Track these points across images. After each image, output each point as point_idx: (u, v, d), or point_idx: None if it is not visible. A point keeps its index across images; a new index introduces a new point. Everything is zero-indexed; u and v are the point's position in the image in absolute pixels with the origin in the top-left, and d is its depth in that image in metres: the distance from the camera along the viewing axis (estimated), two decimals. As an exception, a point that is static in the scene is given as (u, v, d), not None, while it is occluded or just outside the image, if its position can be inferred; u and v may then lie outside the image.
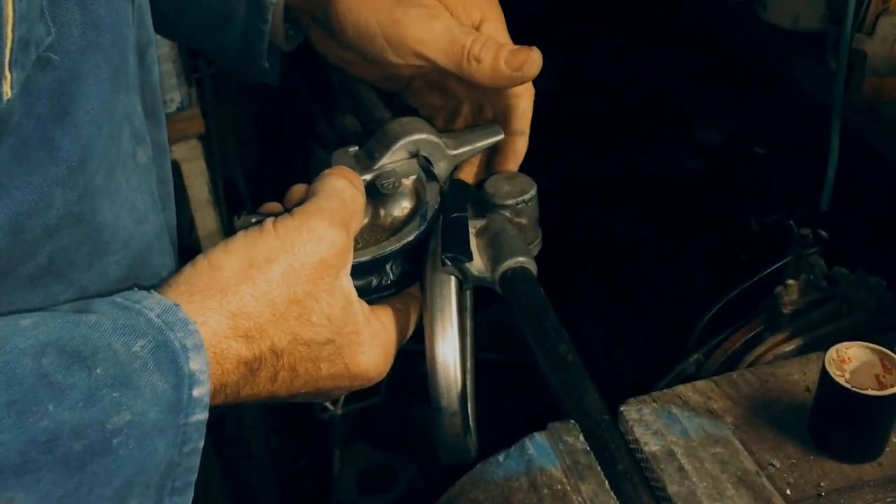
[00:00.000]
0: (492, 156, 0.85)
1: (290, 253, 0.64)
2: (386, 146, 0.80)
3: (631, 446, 0.70)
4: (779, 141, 1.77)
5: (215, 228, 2.34)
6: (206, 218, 2.32)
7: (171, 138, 2.18)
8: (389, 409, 1.84)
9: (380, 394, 1.75)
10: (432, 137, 0.81)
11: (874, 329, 1.01)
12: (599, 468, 0.63)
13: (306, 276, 0.64)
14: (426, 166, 0.80)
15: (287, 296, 0.64)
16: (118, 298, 0.58)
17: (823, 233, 1.13)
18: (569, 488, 0.64)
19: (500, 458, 0.70)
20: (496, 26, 0.80)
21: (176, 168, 2.30)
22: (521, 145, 0.83)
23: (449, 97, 0.86)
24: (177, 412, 0.55)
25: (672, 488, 0.67)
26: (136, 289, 0.60)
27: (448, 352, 0.71)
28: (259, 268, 0.63)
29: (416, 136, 0.80)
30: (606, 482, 0.62)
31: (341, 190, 0.69)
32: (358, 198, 0.71)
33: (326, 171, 0.72)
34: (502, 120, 0.83)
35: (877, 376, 0.83)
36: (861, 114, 1.28)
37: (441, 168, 0.82)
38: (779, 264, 1.18)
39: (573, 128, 2.14)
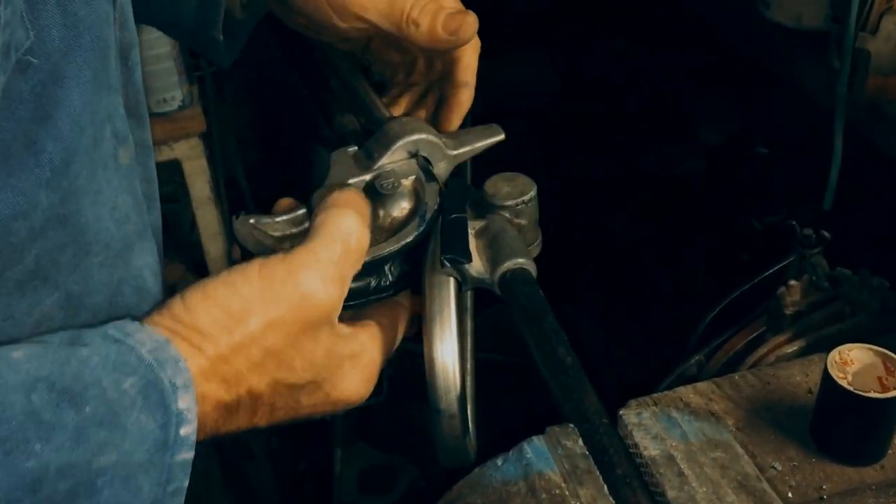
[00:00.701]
0: (438, 109, 0.86)
1: (270, 307, 0.60)
2: (385, 146, 0.79)
3: (630, 451, 0.70)
4: (781, 141, 1.76)
5: (216, 226, 2.34)
6: (207, 216, 2.32)
7: (173, 136, 2.18)
8: (390, 410, 1.83)
9: (381, 394, 1.75)
10: (432, 138, 0.80)
11: (877, 331, 1.01)
12: (598, 473, 0.62)
13: (286, 333, 0.61)
14: (425, 167, 0.80)
15: (265, 349, 0.61)
16: (111, 330, 0.57)
17: (826, 233, 1.12)
18: (567, 493, 0.63)
19: (499, 462, 0.69)
20: None
21: (177, 166, 2.30)
22: (465, 97, 0.84)
23: (405, 53, 0.87)
24: (163, 451, 0.55)
25: (671, 493, 0.66)
26: (129, 318, 0.59)
27: (447, 353, 0.70)
28: (236, 321, 0.59)
29: (415, 137, 0.79)
30: (605, 487, 0.61)
31: (347, 234, 0.65)
32: (364, 240, 0.67)
33: (335, 197, 0.68)
34: (448, 73, 0.85)
35: (879, 378, 0.83)
36: (864, 113, 1.27)
37: (441, 168, 0.81)
38: (781, 265, 1.18)
39: (573, 128, 2.14)
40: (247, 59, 0.79)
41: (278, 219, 0.77)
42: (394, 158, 0.79)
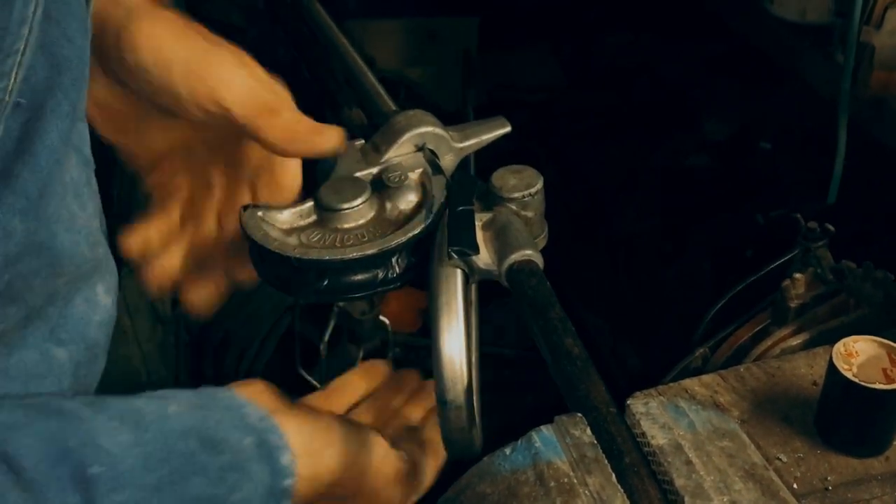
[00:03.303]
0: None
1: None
2: (392, 140, 0.80)
3: (638, 440, 0.70)
4: (785, 135, 1.77)
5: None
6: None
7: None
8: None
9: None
10: (438, 130, 0.80)
11: (882, 323, 1.01)
12: (606, 461, 0.62)
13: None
14: (432, 160, 0.80)
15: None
16: (225, 400, 0.69)
17: (830, 227, 1.13)
18: (575, 481, 0.64)
19: (507, 451, 0.70)
20: None
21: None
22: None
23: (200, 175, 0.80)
24: (271, 496, 0.67)
25: (679, 482, 0.67)
26: (238, 394, 0.70)
27: (454, 345, 0.71)
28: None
29: (421, 129, 0.80)
30: (613, 475, 0.62)
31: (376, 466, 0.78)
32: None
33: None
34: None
35: (884, 370, 0.83)
36: (868, 107, 1.27)
37: (448, 161, 0.82)
38: (785, 258, 1.18)
39: (579, 121, 2.14)
40: (252, 54, 0.78)
41: (286, 211, 0.77)
42: (400, 151, 0.80)
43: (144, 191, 0.81)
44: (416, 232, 0.75)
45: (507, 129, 0.83)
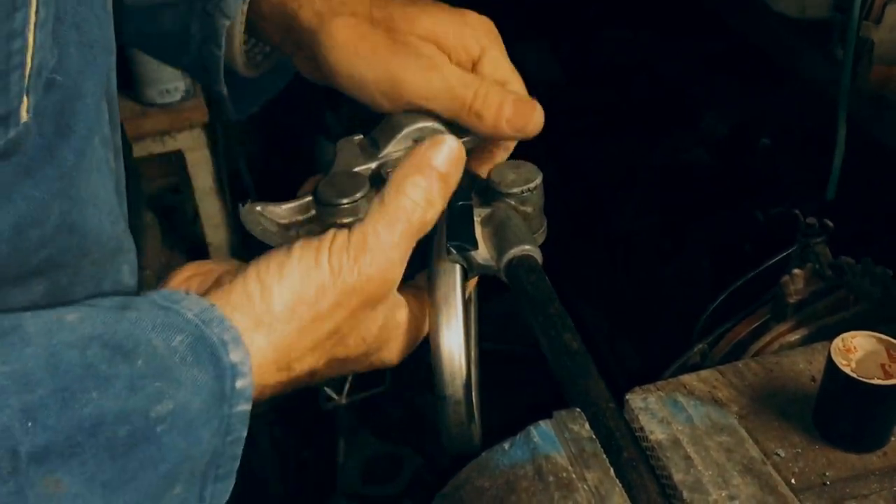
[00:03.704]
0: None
1: (340, 291, 0.64)
2: (390, 135, 0.80)
3: (636, 434, 0.70)
4: (785, 131, 1.77)
5: (219, 217, 2.34)
6: (210, 207, 2.33)
7: (176, 127, 2.19)
8: (394, 399, 1.84)
9: (384, 384, 1.76)
10: (436, 125, 0.80)
11: (880, 319, 1.01)
12: (605, 456, 0.63)
13: (350, 312, 0.65)
14: None
15: (329, 329, 0.65)
16: (157, 299, 0.60)
17: (829, 222, 1.13)
18: (574, 476, 0.64)
19: (506, 445, 0.70)
20: (496, 56, 0.79)
21: (180, 157, 2.30)
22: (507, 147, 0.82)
23: None
24: (220, 403, 0.57)
25: (678, 476, 0.67)
26: (175, 290, 0.62)
27: (453, 340, 0.71)
28: (309, 304, 0.63)
29: (420, 125, 0.80)
30: (612, 470, 0.62)
31: (411, 211, 0.68)
32: (431, 217, 0.69)
33: (421, 152, 0.70)
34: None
35: (883, 366, 0.83)
36: (868, 103, 1.27)
37: None
38: (784, 254, 1.18)
39: (578, 117, 2.14)
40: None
41: (285, 206, 0.77)
42: (399, 146, 0.80)
43: None
44: None
45: None
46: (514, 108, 0.75)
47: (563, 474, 0.64)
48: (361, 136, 0.82)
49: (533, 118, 0.76)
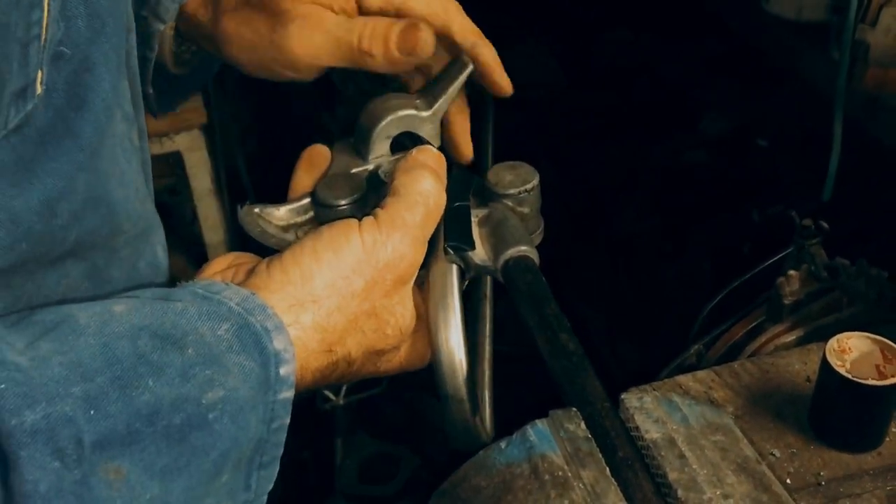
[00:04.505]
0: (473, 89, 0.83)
1: (374, 268, 0.65)
2: (366, 141, 0.80)
3: (632, 433, 0.71)
4: (783, 132, 1.77)
5: (217, 218, 2.34)
6: (208, 208, 2.32)
7: (174, 128, 2.19)
8: (391, 400, 1.84)
9: (381, 385, 1.76)
10: (402, 112, 0.79)
11: (875, 319, 1.02)
12: (600, 455, 0.63)
13: (385, 292, 0.66)
14: None
15: (367, 310, 0.66)
16: (198, 289, 0.60)
17: (825, 224, 1.13)
18: (570, 475, 0.64)
19: (503, 444, 0.70)
20: None
21: (178, 158, 2.30)
22: (486, 53, 0.81)
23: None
24: (266, 389, 0.58)
25: (672, 475, 0.67)
26: (214, 280, 0.62)
27: (452, 339, 0.71)
28: (347, 280, 0.64)
29: (385, 121, 0.79)
30: (607, 469, 0.62)
31: (427, 196, 0.69)
32: (442, 200, 0.71)
33: (414, 158, 0.72)
34: (447, 43, 0.81)
35: (877, 366, 0.83)
36: (864, 105, 1.28)
37: (428, 130, 0.81)
38: (780, 255, 1.19)
39: (578, 119, 2.14)
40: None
41: (283, 208, 0.78)
42: (382, 147, 0.80)
43: None
44: None
45: (470, 67, 0.81)
46: (399, 36, 0.75)
47: (559, 473, 0.65)
48: (354, 140, 0.82)
49: (420, 38, 0.75)
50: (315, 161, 0.77)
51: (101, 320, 0.54)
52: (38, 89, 0.52)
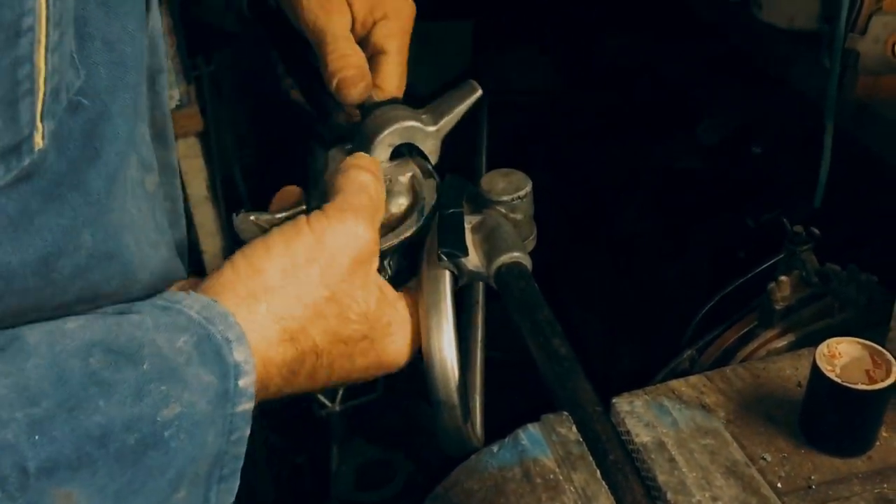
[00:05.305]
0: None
1: (327, 252, 0.65)
2: (366, 146, 0.80)
3: (622, 437, 0.71)
4: (776, 139, 1.78)
5: (213, 225, 2.35)
6: (204, 215, 2.33)
7: (171, 136, 2.19)
8: (387, 406, 1.84)
9: (377, 391, 1.76)
10: (408, 123, 0.80)
11: (865, 325, 1.02)
12: (591, 458, 0.63)
13: (342, 275, 0.66)
14: (423, 164, 0.81)
15: (327, 295, 0.65)
16: (157, 300, 0.59)
17: (816, 230, 1.14)
18: (561, 478, 0.65)
19: (495, 448, 0.71)
20: (391, 27, 0.85)
21: (175, 166, 2.31)
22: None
23: None
24: (224, 402, 0.56)
25: (662, 478, 0.68)
26: (176, 291, 0.61)
27: (445, 345, 0.72)
28: (300, 267, 0.64)
29: (391, 129, 0.80)
30: (598, 472, 0.63)
31: (367, 185, 0.70)
32: (382, 191, 0.72)
33: (349, 161, 0.73)
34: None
35: (867, 371, 0.84)
36: (854, 112, 1.28)
37: (430, 146, 0.82)
38: (771, 261, 1.19)
39: (580, 120, 2.15)
40: (244, 60, 0.80)
41: (278, 215, 0.78)
42: (381, 155, 0.80)
43: None
44: (407, 234, 0.76)
45: (479, 92, 0.82)
46: (347, 76, 0.80)
47: (551, 476, 0.65)
48: (350, 146, 0.83)
49: (349, 93, 0.81)
50: (287, 202, 0.76)
51: (52, 339, 0.52)
52: (40, 143, 0.50)
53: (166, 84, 0.69)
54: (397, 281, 0.77)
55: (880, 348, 0.84)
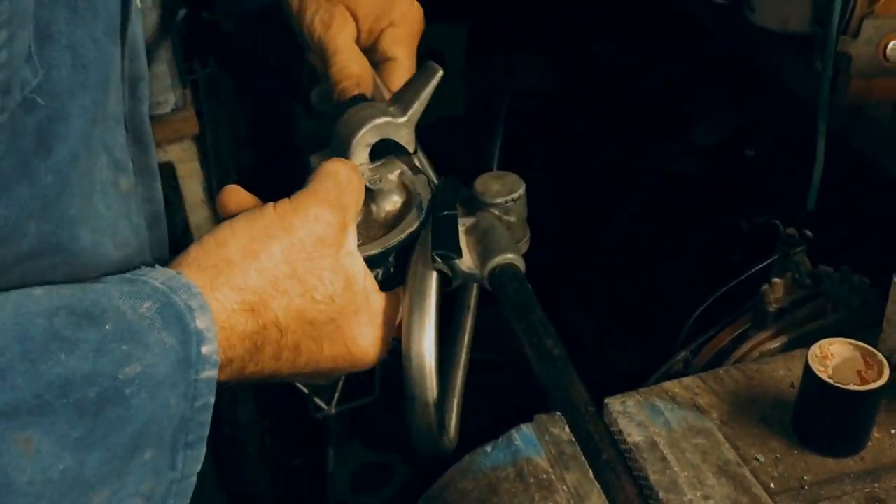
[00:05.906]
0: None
1: (288, 231, 0.67)
2: (344, 151, 0.81)
3: (615, 437, 0.72)
4: (769, 142, 1.79)
5: (209, 228, 2.35)
6: (200, 218, 2.33)
7: (166, 139, 2.19)
8: (383, 409, 1.85)
9: (373, 393, 1.76)
10: (377, 121, 0.81)
11: (857, 326, 1.03)
12: (584, 458, 0.64)
13: (306, 254, 0.68)
14: (408, 160, 0.82)
15: (288, 272, 0.67)
16: (125, 275, 0.61)
17: (809, 232, 1.15)
18: (554, 478, 0.65)
19: (488, 448, 0.71)
20: (396, 34, 0.89)
21: (170, 169, 2.31)
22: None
23: None
24: (186, 367, 0.58)
25: (654, 477, 0.68)
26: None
27: (424, 343, 0.72)
28: (261, 243, 0.66)
29: (363, 130, 0.80)
30: (591, 472, 0.63)
31: (335, 172, 0.72)
32: (354, 178, 0.74)
33: (323, 163, 0.75)
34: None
35: (859, 372, 0.85)
36: (847, 115, 1.29)
37: (404, 135, 0.82)
38: (765, 263, 1.20)
39: (577, 121, 2.15)
40: (240, 63, 0.81)
41: None
42: (360, 156, 0.81)
43: None
44: (412, 229, 0.76)
45: (440, 72, 0.83)
46: (345, 87, 0.84)
47: (544, 476, 0.66)
48: (328, 150, 0.83)
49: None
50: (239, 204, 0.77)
51: (19, 301, 0.55)
52: None
53: (147, 93, 0.71)
54: (399, 279, 0.77)
55: (872, 349, 0.85)
